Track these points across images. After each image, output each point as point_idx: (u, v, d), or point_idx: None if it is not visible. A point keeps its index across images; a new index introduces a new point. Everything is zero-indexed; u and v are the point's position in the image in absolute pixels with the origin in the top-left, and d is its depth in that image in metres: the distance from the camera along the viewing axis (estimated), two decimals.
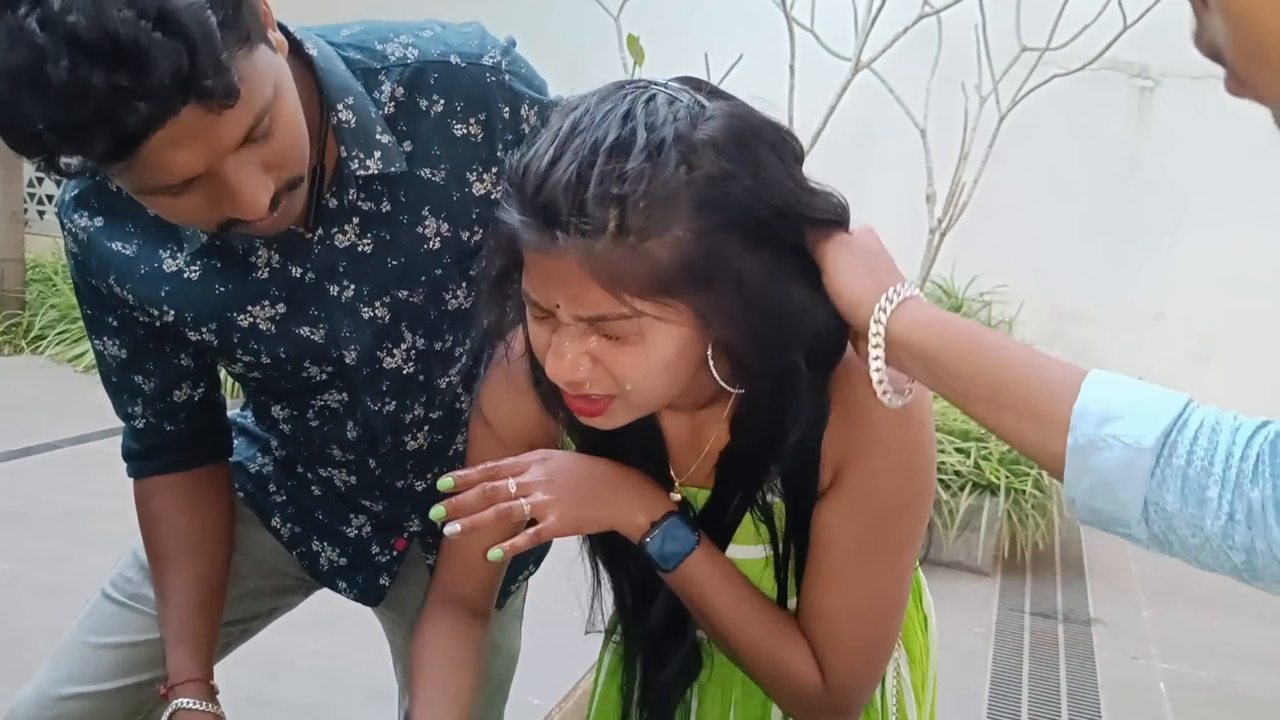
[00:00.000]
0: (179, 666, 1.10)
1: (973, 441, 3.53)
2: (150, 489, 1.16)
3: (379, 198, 1.01)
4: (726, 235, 0.76)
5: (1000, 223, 4.94)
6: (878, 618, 0.92)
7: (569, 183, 0.74)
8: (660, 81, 0.80)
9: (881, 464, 0.87)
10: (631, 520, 0.92)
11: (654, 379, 0.81)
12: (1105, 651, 2.97)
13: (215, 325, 1.05)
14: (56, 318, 5.33)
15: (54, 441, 3.92)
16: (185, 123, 0.76)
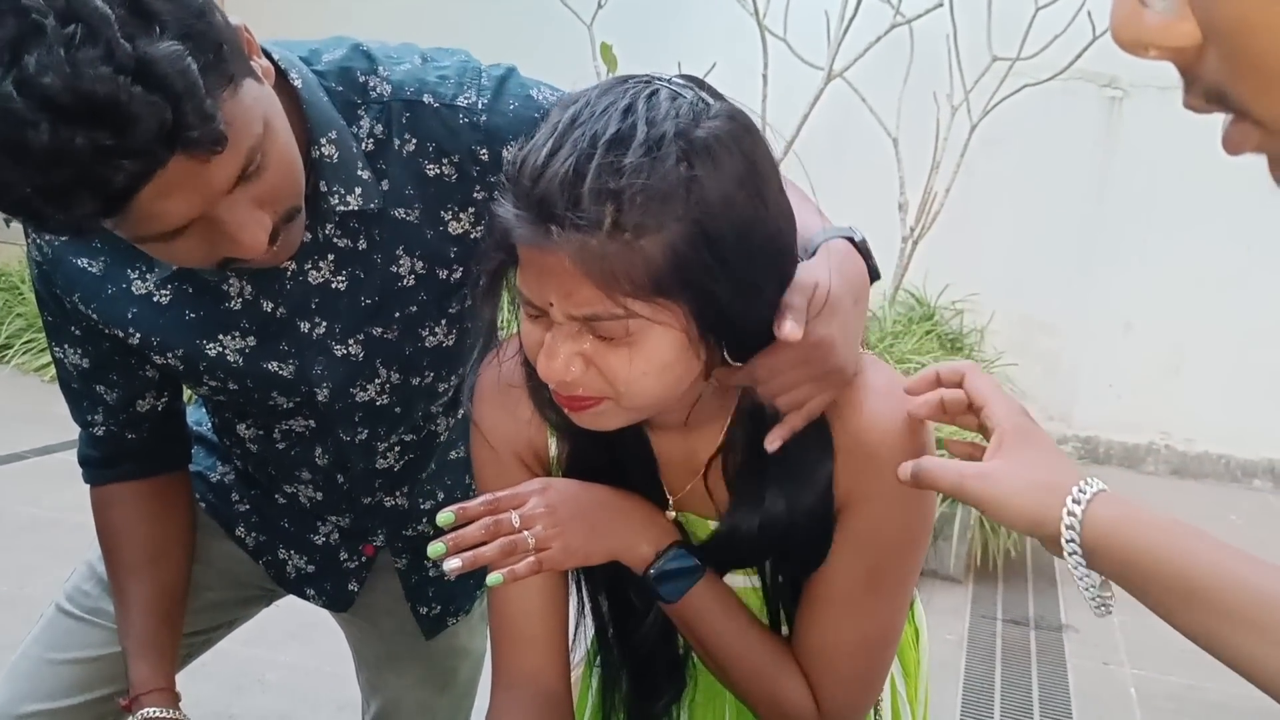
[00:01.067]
0: (143, 677, 1.08)
1: (942, 450, 3.54)
2: (109, 497, 1.14)
3: (355, 235, 1.00)
4: (723, 236, 0.75)
5: (972, 232, 4.97)
6: (875, 651, 0.92)
7: (565, 176, 0.72)
8: (664, 77, 0.79)
9: (889, 506, 0.86)
10: (635, 551, 0.91)
11: (647, 381, 0.79)
12: (1077, 658, 2.99)
13: (182, 351, 1.03)
14: (23, 326, 5.26)
15: (19, 452, 3.87)
16: (174, 174, 0.74)
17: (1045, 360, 5.06)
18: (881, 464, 0.85)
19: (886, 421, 0.85)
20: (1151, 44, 0.39)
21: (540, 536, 0.87)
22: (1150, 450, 5.03)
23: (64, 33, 0.68)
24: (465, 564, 0.85)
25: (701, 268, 0.75)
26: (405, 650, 1.28)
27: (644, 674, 1.02)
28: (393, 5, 5.23)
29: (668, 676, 1.02)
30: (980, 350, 5.07)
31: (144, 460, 1.14)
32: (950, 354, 4.66)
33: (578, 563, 0.92)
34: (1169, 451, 5.00)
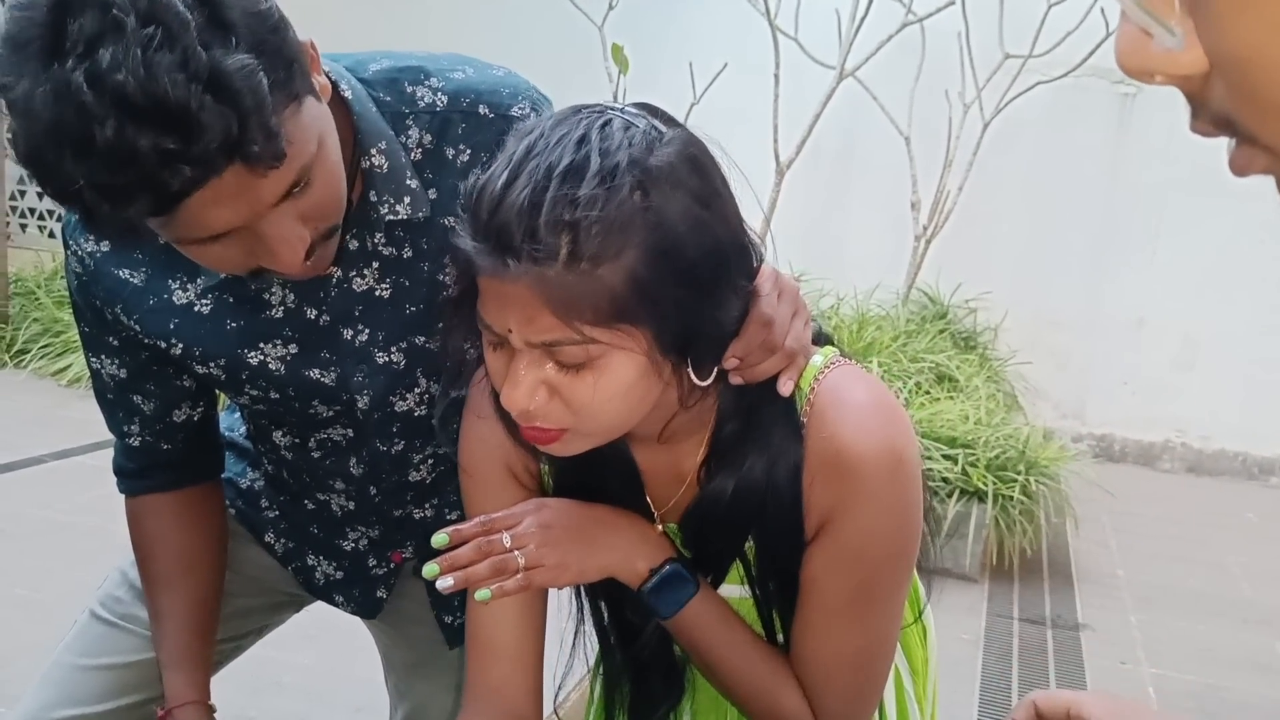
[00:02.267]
0: (177, 690, 1.08)
1: (960, 448, 3.54)
2: (144, 508, 1.13)
3: (401, 243, 1.00)
4: (679, 261, 0.76)
5: (984, 230, 4.96)
6: (869, 662, 0.92)
7: (522, 207, 0.73)
8: (617, 106, 0.80)
9: (873, 518, 0.86)
10: (630, 568, 0.92)
11: (609, 407, 0.80)
12: (1094, 657, 2.98)
13: (224, 361, 1.03)
14: (40, 331, 5.29)
15: (36, 456, 3.89)
16: (228, 183, 0.75)
17: (1058, 358, 5.04)
18: (861, 480, 0.85)
19: (865, 437, 0.84)
20: (1157, 72, 0.39)
21: (532, 556, 0.88)
22: (1166, 448, 5.01)
23: (143, 33, 0.68)
24: (457, 583, 0.87)
25: (661, 293, 0.76)
26: (433, 658, 1.28)
27: (643, 681, 1.03)
28: (404, 8, 5.25)
29: (666, 684, 1.02)
30: (993, 349, 5.05)
31: (178, 471, 1.14)
32: (964, 353, 4.65)
33: (571, 580, 0.93)
34: (1185, 449, 4.98)
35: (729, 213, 0.81)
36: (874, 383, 0.90)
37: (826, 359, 0.90)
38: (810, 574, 0.90)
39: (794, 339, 0.85)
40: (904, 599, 0.94)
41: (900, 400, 3.71)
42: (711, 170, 0.81)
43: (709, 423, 0.90)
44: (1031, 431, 3.83)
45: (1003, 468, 3.53)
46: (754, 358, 0.84)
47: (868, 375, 0.91)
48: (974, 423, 3.70)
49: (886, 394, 0.90)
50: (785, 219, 4.38)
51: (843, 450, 0.85)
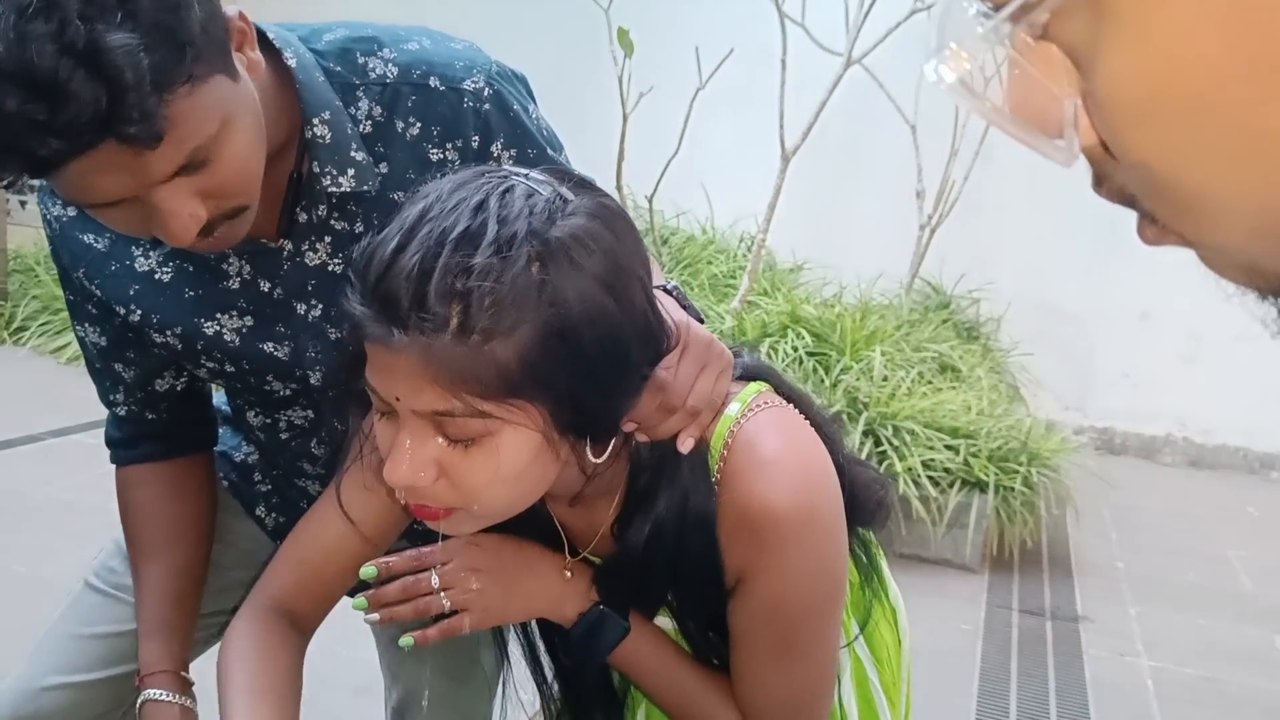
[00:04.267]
0: (151, 657, 1.08)
1: (962, 439, 3.53)
2: (131, 477, 1.14)
3: (353, 218, 0.99)
4: (575, 345, 0.72)
5: (988, 220, 4.94)
6: (803, 703, 0.91)
7: (411, 274, 0.69)
8: (521, 172, 0.76)
9: (787, 576, 0.85)
10: (559, 611, 0.92)
11: (501, 490, 0.77)
12: (1093, 649, 2.97)
13: (180, 330, 1.03)
14: (39, 309, 5.29)
15: (35, 434, 3.88)
16: (106, 155, 0.74)
17: (1062, 349, 5.03)
18: (772, 540, 0.83)
19: (775, 497, 0.82)
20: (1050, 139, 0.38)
21: (458, 600, 0.88)
22: (1167, 441, 5.00)
23: (21, 2, 0.68)
24: (383, 619, 0.88)
25: (556, 369, 0.72)
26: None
27: (583, 714, 1.02)
28: None
29: (606, 716, 1.02)
30: (996, 339, 5.04)
31: (165, 441, 1.14)
32: (967, 343, 4.64)
33: (495, 623, 0.93)
34: (1186, 443, 4.98)
35: (634, 294, 0.76)
36: (791, 430, 0.87)
37: (745, 405, 0.87)
38: (734, 624, 0.89)
39: (697, 397, 0.83)
40: (833, 645, 0.92)
41: (904, 387, 3.72)
42: (620, 245, 0.76)
43: (622, 479, 0.88)
44: (1033, 423, 3.83)
45: (1004, 458, 3.52)
46: (652, 420, 0.82)
47: (786, 420, 0.88)
48: (976, 413, 3.70)
49: (803, 443, 0.86)
50: (789, 206, 4.36)
51: (752, 511, 0.83)
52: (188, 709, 1.07)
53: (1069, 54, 0.34)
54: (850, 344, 3.94)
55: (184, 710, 1.06)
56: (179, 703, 1.06)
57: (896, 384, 3.77)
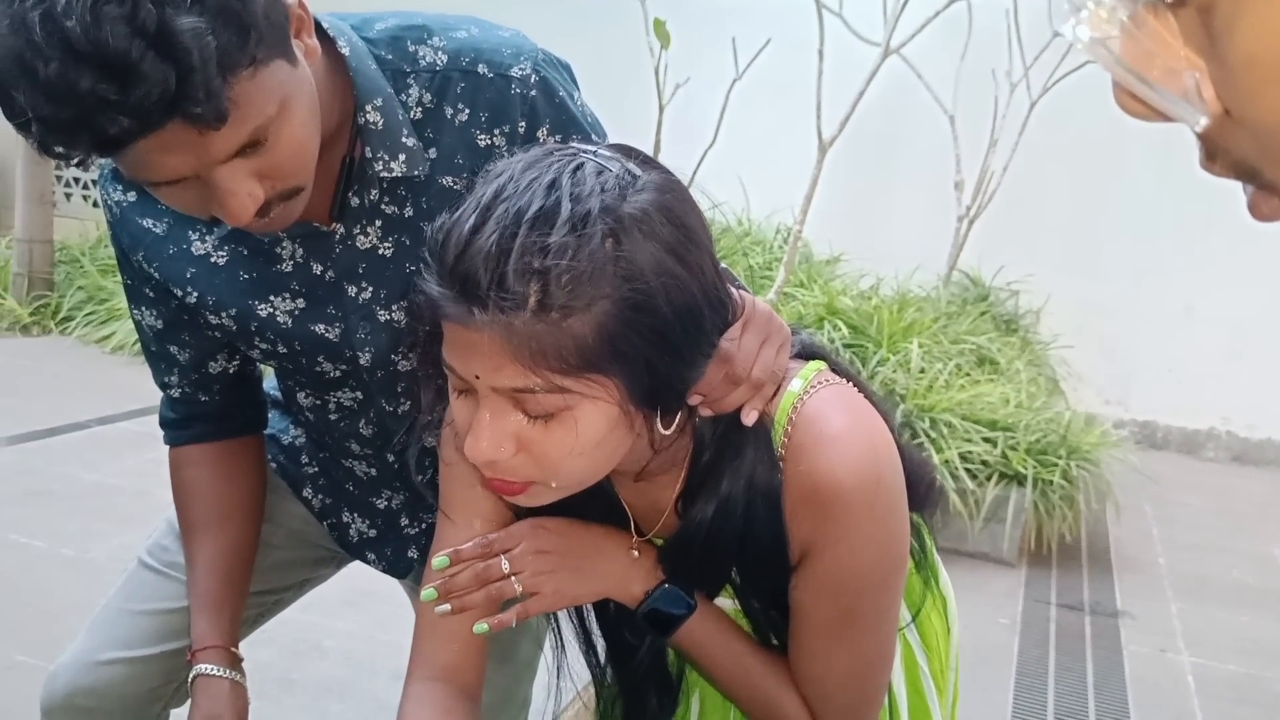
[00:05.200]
0: (201, 632, 1.11)
1: (1000, 431, 3.51)
2: (184, 458, 1.17)
3: (403, 202, 1.01)
4: (651, 316, 0.73)
5: (1029, 212, 4.90)
6: (863, 679, 0.92)
7: (489, 254, 0.70)
8: (590, 149, 0.77)
9: (853, 550, 0.85)
10: (626, 591, 0.92)
11: (579, 463, 0.78)
12: (1133, 645, 2.95)
13: (235, 311, 1.05)
14: (84, 299, 5.37)
15: (81, 421, 3.95)
16: (171, 134, 0.77)
17: (1103, 343, 4.98)
18: (839, 514, 0.83)
19: (842, 471, 0.83)
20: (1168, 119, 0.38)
21: (529, 583, 0.89)
22: (1210, 436, 4.94)
23: None
24: (454, 610, 0.89)
25: (633, 342, 0.73)
26: None
27: (637, 698, 1.03)
28: None
29: (660, 699, 1.03)
30: (1035, 332, 5.00)
31: (216, 423, 1.17)
32: (1005, 336, 4.60)
33: (566, 604, 0.93)
34: (1229, 437, 4.91)
35: (704, 264, 0.77)
36: (855, 406, 0.88)
37: (807, 382, 0.88)
38: (797, 599, 0.90)
39: (760, 368, 0.84)
40: (894, 620, 0.92)
41: (942, 379, 3.69)
42: (688, 218, 0.77)
43: (686, 455, 0.89)
44: (1073, 416, 3.79)
45: (1043, 452, 3.49)
46: (717, 392, 0.83)
47: (850, 397, 0.89)
48: (1015, 406, 3.67)
49: (867, 419, 0.87)
50: (827, 198, 4.35)
51: (820, 485, 0.83)
52: (237, 683, 1.09)
53: (1204, 14, 0.34)
54: (887, 336, 3.92)
55: (234, 685, 1.09)
56: (229, 677, 1.09)
57: (934, 376, 3.75)
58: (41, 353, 5.04)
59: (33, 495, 3.20)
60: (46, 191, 5.59)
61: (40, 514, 3.06)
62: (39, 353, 5.04)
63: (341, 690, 2.25)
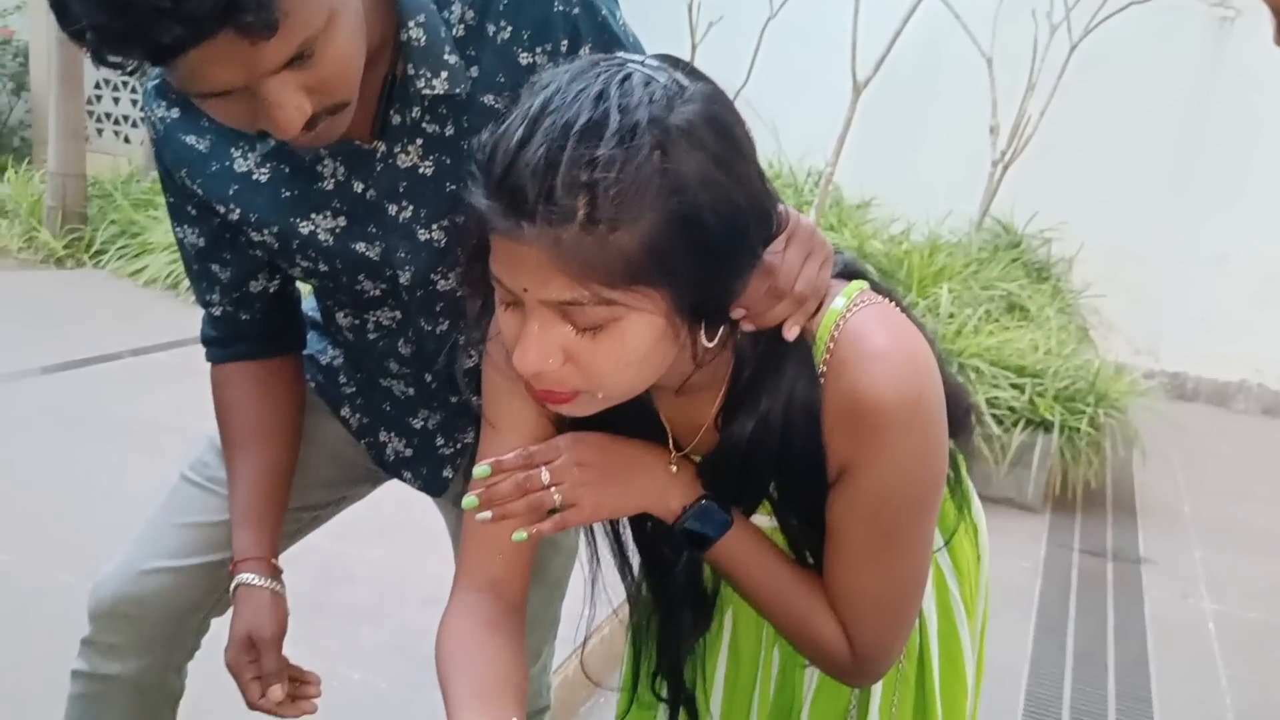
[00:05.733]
0: (243, 544, 1.14)
1: (1028, 378, 3.50)
2: (225, 375, 1.19)
3: (444, 121, 1.01)
4: (697, 227, 0.73)
5: (1065, 158, 4.84)
6: (898, 597, 0.92)
7: (537, 167, 0.70)
8: (637, 59, 0.76)
9: (891, 468, 0.86)
10: (664, 505, 0.93)
11: (626, 374, 0.79)
12: (1154, 590, 2.96)
13: (276, 229, 1.06)
14: (117, 233, 5.42)
15: (115, 353, 4.00)
16: (222, 45, 0.77)
17: (1134, 292, 4.94)
18: (878, 431, 0.83)
19: (883, 389, 0.83)
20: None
21: (568, 495, 0.90)
22: (1241, 388, 4.91)
23: None
24: (495, 518, 0.90)
25: (679, 254, 0.73)
26: None
27: (672, 613, 1.04)
28: None
29: (695, 615, 1.04)
30: (1067, 280, 4.96)
31: (258, 342, 1.19)
32: (1036, 283, 4.57)
33: (605, 517, 0.94)
34: (1261, 390, 4.88)
35: (750, 176, 0.77)
36: (897, 325, 0.88)
37: (850, 299, 0.88)
38: (833, 517, 0.90)
39: (804, 282, 0.84)
40: (929, 539, 0.93)
41: (971, 325, 3.68)
42: (734, 129, 0.76)
43: (726, 372, 0.89)
44: (1102, 365, 3.78)
45: (1071, 399, 3.49)
46: (760, 305, 0.83)
47: (892, 316, 0.88)
48: (1044, 353, 3.66)
49: (909, 337, 0.87)
50: (859, 140, 4.31)
51: (860, 402, 0.83)
52: (278, 594, 1.12)
53: None
54: (917, 281, 3.91)
55: (274, 595, 1.12)
56: (270, 587, 1.11)
57: (963, 322, 3.74)
58: (75, 285, 5.10)
59: (68, 425, 3.26)
60: (79, 126, 5.61)
61: (75, 443, 3.12)
62: (72, 285, 5.10)
63: (371, 615, 2.29)
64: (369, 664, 2.11)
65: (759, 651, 1.06)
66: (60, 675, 1.22)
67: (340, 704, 2.04)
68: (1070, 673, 2.49)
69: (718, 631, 1.07)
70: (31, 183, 5.93)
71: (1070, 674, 2.49)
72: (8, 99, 7.45)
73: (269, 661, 1.10)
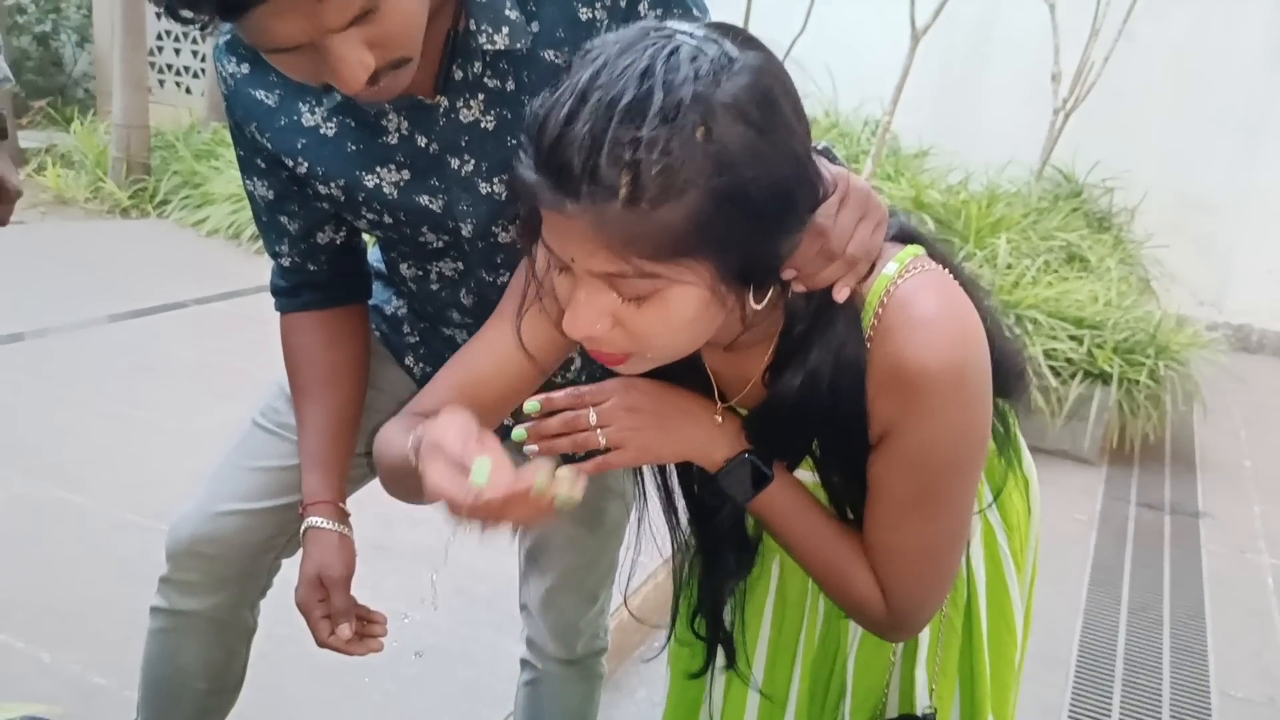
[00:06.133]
0: (312, 488, 1.18)
1: (1087, 329, 3.46)
2: (293, 324, 1.22)
3: (504, 76, 1.03)
4: (742, 201, 0.74)
5: (1128, 105, 4.73)
6: (935, 556, 0.93)
7: (582, 144, 0.72)
8: (686, 30, 0.77)
9: (934, 432, 0.86)
10: (708, 456, 0.95)
11: (673, 338, 0.81)
12: (1212, 544, 2.94)
13: (343, 182, 1.09)
14: (179, 184, 5.51)
15: (180, 301, 4.09)
16: (289, 2, 0.79)
17: (1199, 242, 4.84)
18: (921, 397, 0.84)
19: (928, 354, 0.84)
20: None
21: (613, 437, 0.92)
22: None
23: None
24: (542, 450, 0.92)
25: (722, 230, 0.75)
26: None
27: (715, 557, 1.07)
28: None
29: (738, 559, 1.06)
30: (1129, 230, 4.87)
31: (324, 291, 1.22)
32: (1097, 234, 4.49)
33: (647, 461, 0.96)
34: None
35: (796, 147, 0.78)
36: (947, 293, 0.88)
37: (902, 265, 0.88)
38: (874, 477, 0.92)
39: (856, 245, 0.85)
40: (968, 502, 0.94)
41: (1029, 276, 3.64)
42: (781, 100, 0.77)
43: (776, 329, 0.91)
44: (1164, 316, 3.72)
45: (1130, 351, 3.44)
46: (811, 267, 0.84)
47: (942, 283, 0.89)
48: (1103, 304, 3.61)
49: (958, 306, 0.87)
50: (918, 88, 4.24)
51: (904, 367, 0.84)
52: (345, 536, 1.16)
53: None
54: (975, 231, 3.86)
55: (342, 538, 1.15)
56: (338, 530, 1.15)
57: (1021, 272, 3.70)
58: (140, 235, 5.20)
59: (136, 370, 3.35)
60: (142, 78, 5.69)
61: (143, 388, 3.21)
62: (137, 235, 5.20)
63: (432, 556, 2.35)
64: (429, 604, 2.17)
65: (804, 600, 1.08)
66: (135, 613, 1.27)
67: (404, 643, 2.10)
68: (1124, 625, 2.49)
69: (765, 580, 1.10)
70: (96, 134, 6.03)
71: (1124, 626, 2.49)
72: (72, 51, 7.57)
73: (338, 601, 1.14)
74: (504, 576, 1.58)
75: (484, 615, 2.19)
